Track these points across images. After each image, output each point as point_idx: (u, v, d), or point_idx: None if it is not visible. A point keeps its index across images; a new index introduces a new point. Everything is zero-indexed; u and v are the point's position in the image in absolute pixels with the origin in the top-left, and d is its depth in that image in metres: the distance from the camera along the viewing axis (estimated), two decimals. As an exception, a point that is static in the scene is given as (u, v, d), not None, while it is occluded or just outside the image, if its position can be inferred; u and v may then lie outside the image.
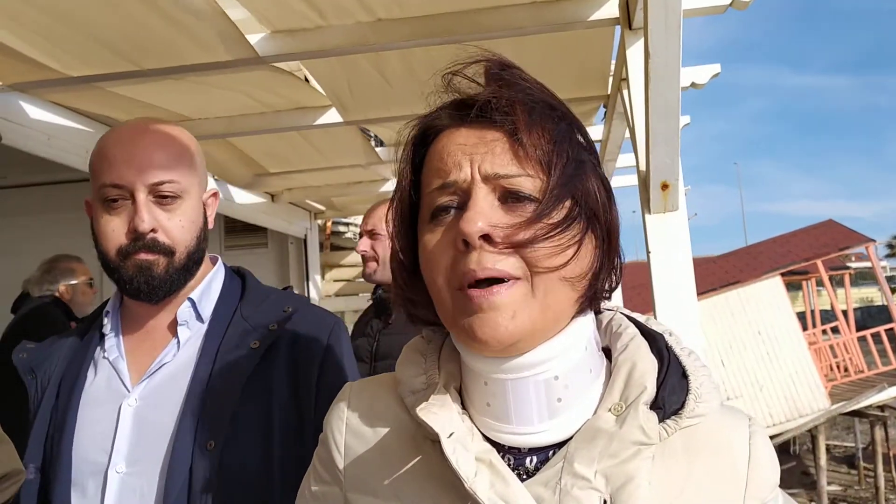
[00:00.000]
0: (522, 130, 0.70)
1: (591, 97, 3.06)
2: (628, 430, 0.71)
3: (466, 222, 0.69)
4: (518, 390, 0.73)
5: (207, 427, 1.13)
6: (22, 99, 2.56)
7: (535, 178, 0.71)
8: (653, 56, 1.69)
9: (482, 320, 0.69)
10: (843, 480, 15.38)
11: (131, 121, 1.27)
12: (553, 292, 0.70)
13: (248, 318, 1.23)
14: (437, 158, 0.75)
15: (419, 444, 0.77)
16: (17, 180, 5.15)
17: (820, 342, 15.31)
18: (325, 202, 5.55)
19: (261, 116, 3.11)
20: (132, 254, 1.17)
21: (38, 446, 1.21)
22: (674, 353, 0.78)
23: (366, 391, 0.86)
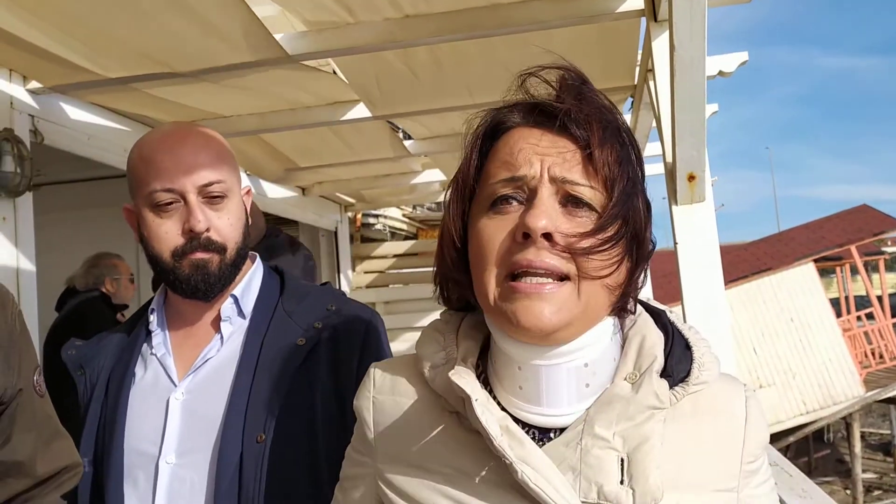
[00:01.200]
0: (595, 147, 0.75)
1: (619, 87, 3.07)
2: (643, 396, 0.78)
3: (533, 217, 0.73)
4: (551, 376, 0.79)
5: (256, 420, 1.17)
6: (62, 100, 2.64)
7: (597, 191, 0.76)
8: (678, 48, 1.71)
9: (528, 308, 0.74)
10: (878, 468, 15.20)
11: (166, 126, 1.30)
12: (594, 296, 0.76)
13: (291, 314, 1.27)
14: (508, 152, 0.79)
15: (440, 414, 0.84)
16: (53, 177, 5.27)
17: (854, 329, 15.11)
18: (354, 195, 5.61)
19: (291, 113, 3.16)
20: (188, 254, 1.21)
21: (90, 440, 1.26)
22: (676, 328, 0.86)
23: (389, 370, 0.92)
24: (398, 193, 5.69)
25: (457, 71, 2.76)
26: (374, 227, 6.68)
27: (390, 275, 6.22)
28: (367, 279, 6.13)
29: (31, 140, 2.47)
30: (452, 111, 3.26)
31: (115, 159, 3.01)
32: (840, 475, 14.49)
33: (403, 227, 7.44)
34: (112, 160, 3.00)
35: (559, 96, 0.80)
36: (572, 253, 0.74)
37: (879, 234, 14.63)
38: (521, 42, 2.54)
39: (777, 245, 15.10)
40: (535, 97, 0.82)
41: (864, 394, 13.17)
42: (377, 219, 6.70)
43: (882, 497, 13.55)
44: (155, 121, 3.18)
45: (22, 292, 2.39)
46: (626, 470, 0.75)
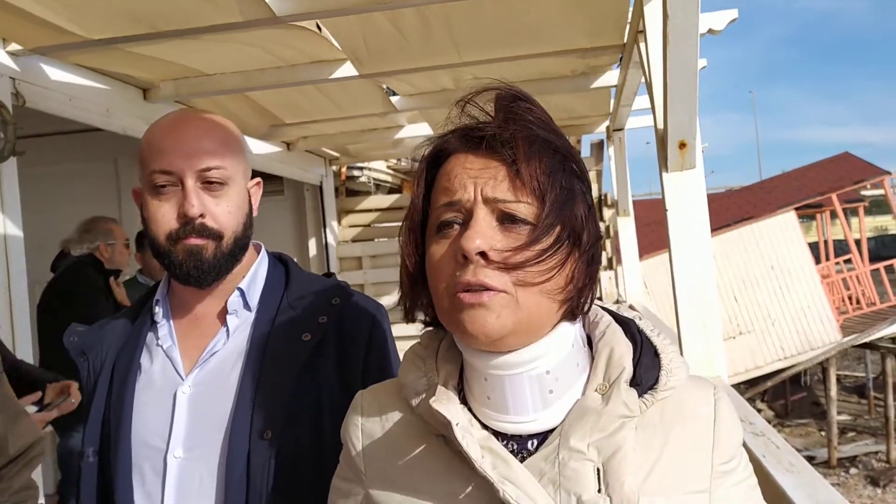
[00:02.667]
0: (521, 162, 0.79)
1: (608, 46, 3.05)
2: (613, 407, 0.81)
3: (466, 240, 0.78)
4: (514, 385, 0.83)
5: (263, 417, 1.17)
6: (43, 62, 2.59)
7: (531, 205, 0.79)
8: (671, 17, 1.70)
9: (472, 316, 0.78)
10: (852, 410, 15.61)
11: (176, 112, 1.29)
12: (535, 303, 0.80)
13: (295, 308, 1.27)
14: (446, 179, 0.83)
15: (427, 437, 0.87)
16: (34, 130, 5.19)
17: (833, 276, 15.35)
18: (339, 149, 5.57)
19: (277, 71, 3.12)
20: (182, 238, 1.19)
21: (95, 430, 1.26)
22: (645, 336, 0.88)
23: (375, 398, 0.96)
24: (383, 148, 5.66)
25: (444, 31, 2.73)
26: (358, 180, 6.65)
27: (376, 228, 6.21)
28: (353, 233, 6.12)
29: (14, 103, 2.42)
30: (440, 69, 3.23)
31: (97, 119, 2.97)
32: (815, 417, 14.87)
33: (388, 179, 7.40)
34: (94, 120, 2.96)
35: (492, 118, 0.83)
36: (509, 268, 0.78)
37: (860, 182, 14.75)
38: (510, 1, 2.52)
39: (759, 194, 15.19)
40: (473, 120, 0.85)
41: (841, 339, 13.44)
42: (362, 171, 6.66)
43: (856, 438, 13.95)
44: (138, 79, 3.13)
45: (10, 259, 2.38)
46: (603, 479, 0.79)
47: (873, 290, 15.36)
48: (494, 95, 0.84)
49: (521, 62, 3.23)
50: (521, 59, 3.13)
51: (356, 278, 5.80)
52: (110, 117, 3.02)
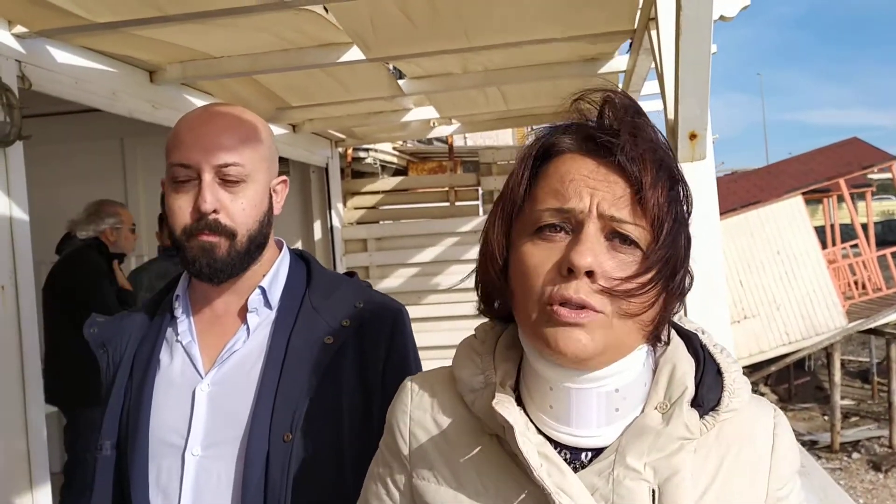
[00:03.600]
0: (648, 188, 0.75)
1: (618, 32, 3.01)
2: (674, 427, 0.78)
3: (578, 255, 0.74)
4: (581, 399, 0.80)
5: (283, 419, 1.17)
6: (49, 44, 2.57)
7: (643, 230, 0.76)
8: (685, 7, 1.68)
9: (566, 334, 0.75)
10: (856, 395, 15.62)
11: (205, 105, 1.28)
12: (628, 332, 0.77)
13: (318, 309, 1.25)
14: (558, 180, 0.79)
15: (479, 437, 0.85)
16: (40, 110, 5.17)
17: (839, 261, 15.30)
18: (346, 131, 5.55)
19: (284, 54, 3.09)
20: (196, 234, 1.19)
21: (113, 423, 1.26)
22: (708, 352, 0.85)
23: (426, 385, 0.93)
24: (390, 130, 5.62)
25: (452, 15, 2.69)
26: (364, 161, 6.63)
27: (381, 211, 6.19)
28: (358, 215, 6.11)
29: (19, 86, 2.41)
30: (449, 54, 3.20)
31: (103, 102, 2.95)
32: (819, 402, 14.89)
33: (394, 160, 7.38)
34: (100, 103, 2.94)
35: (612, 126, 0.79)
36: (612, 295, 0.75)
37: (868, 168, 14.67)
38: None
39: (766, 178, 15.11)
40: (589, 122, 0.81)
41: (846, 324, 13.43)
42: (367, 153, 6.64)
43: (859, 423, 13.97)
44: (144, 62, 3.11)
45: (16, 242, 2.38)
46: (658, 500, 0.77)
47: (879, 275, 15.32)
48: (614, 102, 0.80)
49: (529, 47, 3.20)
50: (530, 43, 3.10)
51: (361, 261, 5.80)
52: (116, 100, 3.00)
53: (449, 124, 5.51)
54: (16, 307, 2.38)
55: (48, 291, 3.49)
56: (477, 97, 4.43)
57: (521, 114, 5.35)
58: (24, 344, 2.41)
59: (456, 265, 5.67)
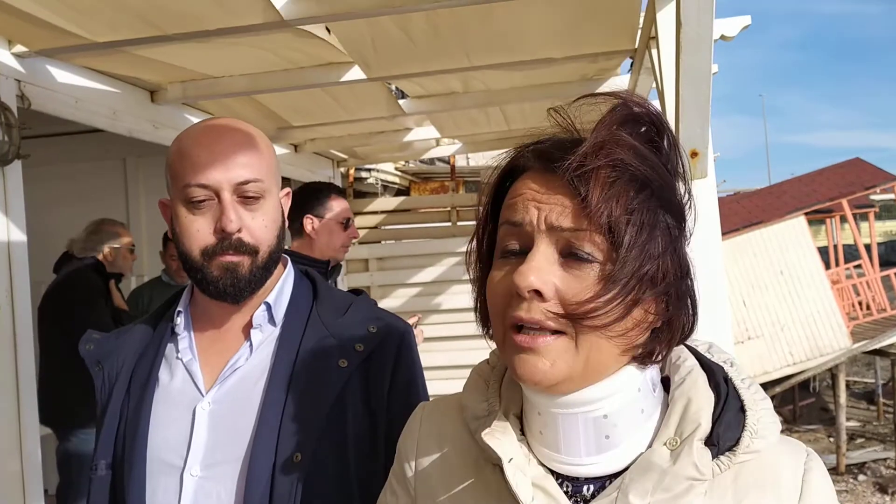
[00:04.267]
0: (597, 200, 0.70)
1: (618, 51, 3.01)
2: (682, 466, 0.72)
3: (519, 275, 0.71)
4: (567, 424, 0.76)
5: (291, 439, 1.13)
6: (49, 64, 2.57)
7: (599, 242, 0.71)
8: (685, 25, 1.67)
9: (524, 361, 0.72)
10: (861, 416, 15.50)
11: (207, 121, 1.25)
12: (595, 349, 0.72)
13: (329, 328, 1.22)
14: (511, 196, 0.77)
15: (481, 466, 0.81)
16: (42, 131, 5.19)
17: (843, 281, 15.25)
18: (347, 151, 5.55)
19: (284, 74, 3.09)
20: (218, 254, 1.16)
21: (108, 443, 1.23)
22: (733, 386, 0.79)
23: (436, 413, 0.91)
24: (391, 150, 5.63)
25: (454, 36, 2.69)
26: (366, 181, 6.63)
27: (383, 230, 6.18)
28: (360, 234, 6.09)
29: (19, 105, 2.41)
30: (450, 73, 3.20)
31: (103, 122, 2.95)
32: (824, 423, 14.77)
33: (396, 180, 7.38)
34: (101, 122, 2.94)
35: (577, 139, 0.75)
36: (568, 316, 0.71)
37: (871, 188, 14.66)
38: (520, 7, 2.48)
39: (769, 198, 15.11)
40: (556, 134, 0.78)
41: (851, 345, 13.35)
42: (369, 173, 6.64)
43: (865, 445, 13.85)
44: (145, 82, 3.11)
45: (13, 262, 2.36)
46: None
47: (884, 296, 15.26)
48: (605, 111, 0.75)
49: (530, 67, 3.20)
50: (531, 63, 3.10)
51: (363, 281, 5.77)
52: (117, 119, 3.00)
53: (451, 144, 5.51)
54: (12, 327, 2.36)
55: (43, 311, 3.47)
56: (478, 117, 4.43)
57: (523, 133, 5.30)
58: (20, 364, 2.39)
59: (458, 285, 5.64)
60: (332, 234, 2.72)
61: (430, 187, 8.17)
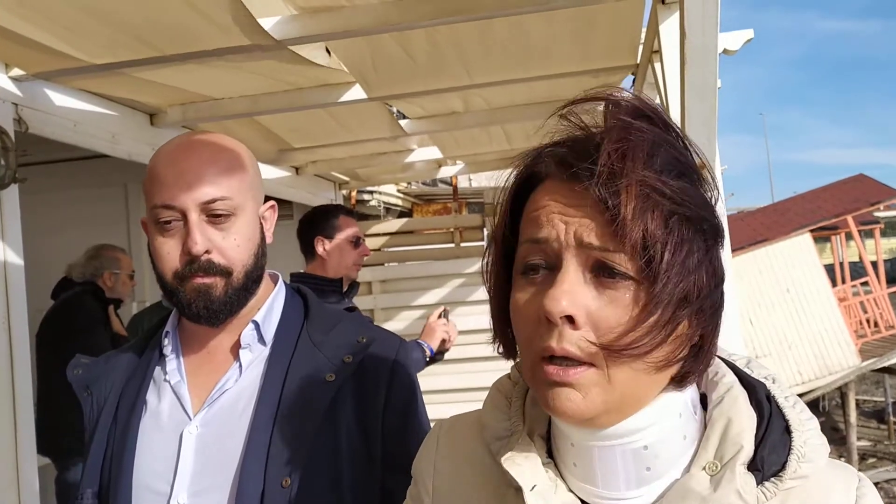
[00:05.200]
0: (630, 216, 0.64)
1: (620, 67, 2.99)
2: (724, 493, 0.66)
3: (550, 300, 0.65)
4: (605, 458, 0.70)
5: (280, 462, 1.09)
6: (47, 87, 2.55)
7: (633, 259, 0.65)
8: (689, 36, 1.64)
9: (556, 394, 0.67)
10: (872, 435, 15.33)
11: (180, 137, 1.22)
12: (631, 379, 0.67)
13: (318, 345, 1.18)
14: (533, 209, 0.71)
15: (503, 491, 0.76)
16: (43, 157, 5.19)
17: (850, 298, 15.15)
18: (349, 173, 5.53)
19: (285, 95, 3.08)
20: (189, 277, 1.13)
21: (95, 470, 1.19)
22: (776, 405, 0.73)
23: (453, 432, 0.85)
24: (393, 171, 5.61)
25: (454, 53, 2.68)
26: (368, 204, 6.61)
27: (386, 253, 6.14)
28: (368, 254, 6.05)
29: (16, 129, 2.38)
30: (450, 92, 3.18)
31: (103, 145, 2.93)
32: (834, 443, 14.59)
33: (398, 202, 7.36)
34: (100, 146, 2.92)
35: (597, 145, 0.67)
36: (606, 348, 0.65)
37: (876, 204, 14.61)
38: (520, 22, 2.46)
39: (773, 216, 15.06)
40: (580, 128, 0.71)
41: (860, 363, 13.24)
42: (372, 195, 6.62)
43: (876, 465, 13.68)
44: (144, 104, 3.10)
45: (10, 288, 2.33)
46: None
47: (892, 313, 15.15)
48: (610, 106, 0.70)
49: (531, 84, 3.18)
50: (532, 80, 3.08)
51: (366, 303, 5.72)
52: (116, 143, 2.98)
53: (453, 164, 5.49)
54: (9, 354, 2.32)
55: (41, 337, 3.43)
56: (480, 136, 4.41)
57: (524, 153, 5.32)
58: (17, 392, 2.34)
59: (462, 307, 5.59)
60: (343, 253, 2.75)
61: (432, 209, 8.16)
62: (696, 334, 0.69)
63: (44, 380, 3.33)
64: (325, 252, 2.71)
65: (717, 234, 0.69)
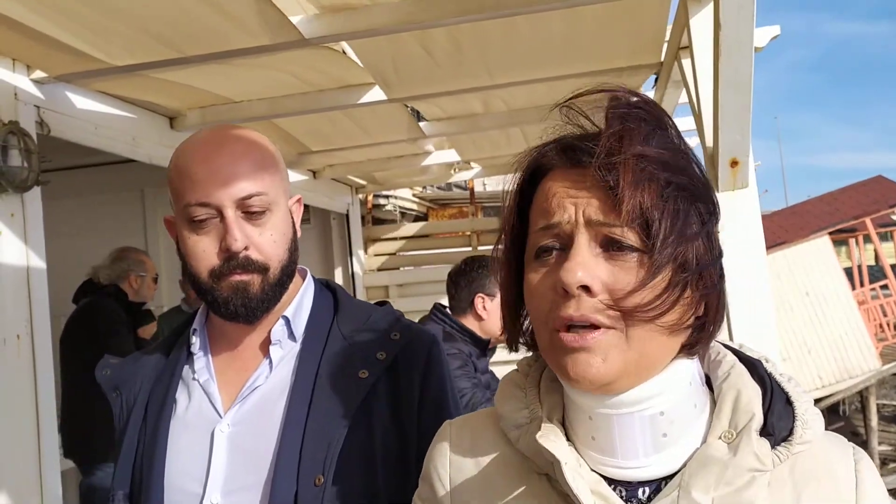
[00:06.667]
0: (625, 189, 0.69)
1: (644, 65, 2.95)
2: (742, 457, 0.71)
3: (566, 272, 0.70)
4: (623, 425, 0.74)
5: (314, 460, 1.06)
6: (68, 90, 2.55)
7: (639, 233, 0.70)
8: (724, 27, 1.60)
9: (575, 360, 0.71)
10: (892, 440, 15.15)
11: (204, 132, 1.19)
12: (647, 340, 0.71)
13: (349, 339, 1.16)
14: (544, 198, 0.76)
15: (525, 476, 0.78)
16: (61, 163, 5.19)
17: (869, 301, 15.00)
18: (366, 177, 5.52)
19: (303, 96, 3.06)
20: (226, 275, 1.10)
21: (126, 472, 1.16)
22: (774, 380, 0.78)
23: (466, 427, 0.87)
24: (410, 175, 5.59)
25: (475, 52, 2.65)
26: (384, 208, 6.59)
27: (402, 257, 6.12)
28: (379, 261, 6.04)
29: (38, 132, 2.38)
30: (470, 92, 3.15)
31: (123, 148, 2.92)
32: (854, 448, 14.44)
33: (413, 207, 7.34)
34: (120, 149, 2.91)
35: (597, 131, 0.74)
36: (619, 310, 0.70)
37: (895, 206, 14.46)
38: (544, 20, 2.43)
39: (791, 218, 14.94)
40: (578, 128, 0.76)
41: (881, 367, 13.09)
42: (388, 199, 6.60)
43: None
44: (163, 107, 3.09)
45: (32, 290, 2.32)
46: None
47: (912, 315, 15.00)
48: (606, 100, 0.75)
49: (552, 84, 3.14)
50: (553, 80, 3.05)
51: (383, 308, 5.71)
52: (136, 146, 2.97)
53: (469, 168, 5.47)
54: (31, 357, 2.31)
55: (65, 342, 3.42)
56: (498, 138, 4.38)
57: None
58: (40, 396, 2.33)
59: (480, 310, 5.56)
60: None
61: (448, 213, 8.14)
62: (701, 305, 0.74)
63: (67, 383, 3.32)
64: (484, 311, 2.57)
65: (713, 210, 0.75)
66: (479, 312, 2.55)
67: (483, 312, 2.55)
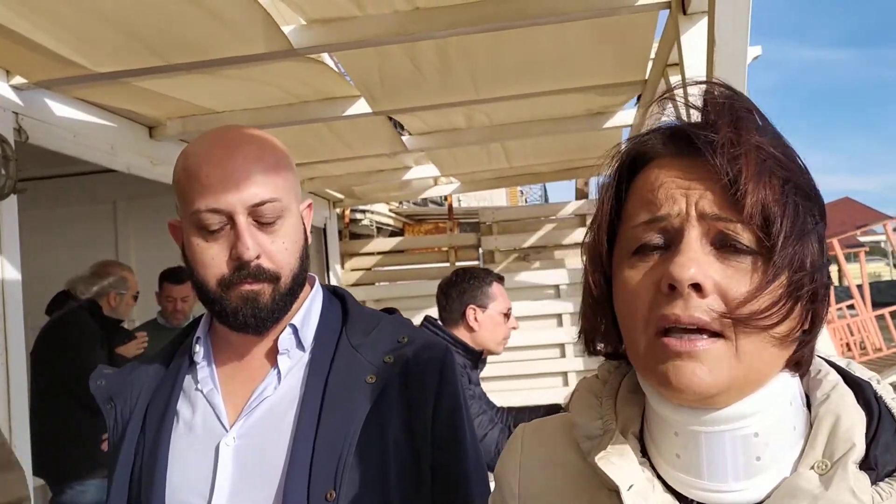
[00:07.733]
0: (749, 181, 0.63)
1: (628, 83, 2.97)
2: (836, 492, 0.62)
3: (678, 266, 0.63)
4: (713, 445, 0.66)
5: (324, 474, 1.02)
6: (47, 96, 2.49)
7: (755, 232, 0.64)
8: (719, 43, 1.61)
9: (679, 369, 0.63)
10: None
11: (215, 133, 1.14)
12: (758, 353, 0.64)
13: (358, 348, 1.12)
14: (648, 189, 0.68)
15: (594, 492, 0.72)
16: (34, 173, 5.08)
17: (836, 321, 15.21)
18: (345, 191, 5.48)
19: (288, 108, 3.03)
20: (236, 284, 1.05)
21: (122, 486, 1.11)
22: (885, 405, 0.69)
23: (539, 433, 0.82)
24: (389, 189, 5.57)
25: (462, 65, 2.64)
26: (361, 223, 6.56)
27: (377, 272, 6.08)
28: (356, 276, 5.99)
29: (16, 139, 2.32)
30: (456, 106, 3.15)
31: (101, 157, 2.86)
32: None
33: (390, 222, 7.31)
34: (98, 158, 2.85)
35: (706, 119, 0.67)
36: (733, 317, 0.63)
37: (862, 227, 14.75)
38: (530, 35, 2.44)
39: (760, 238, 15.12)
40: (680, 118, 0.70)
41: (848, 385, 13.25)
42: (364, 214, 6.57)
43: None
44: (143, 116, 3.04)
45: (6, 300, 2.25)
46: None
47: (879, 335, 15.22)
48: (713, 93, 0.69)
49: (535, 100, 3.15)
50: (537, 96, 3.05)
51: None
52: (115, 155, 2.92)
53: (449, 183, 5.46)
54: (5, 371, 2.24)
55: (35, 354, 3.32)
56: (479, 154, 4.38)
57: (521, 172, 5.32)
58: (13, 411, 2.26)
59: (457, 326, 5.54)
60: (495, 327, 2.54)
61: (423, 229, 8.11)
62: (808, 316, 0.67)
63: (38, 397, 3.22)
64: (476, 323, 2.52)
65: (823, 212, 0.69)
66: (471, 324, 2.53)
67: (475, 324, 2.52)
